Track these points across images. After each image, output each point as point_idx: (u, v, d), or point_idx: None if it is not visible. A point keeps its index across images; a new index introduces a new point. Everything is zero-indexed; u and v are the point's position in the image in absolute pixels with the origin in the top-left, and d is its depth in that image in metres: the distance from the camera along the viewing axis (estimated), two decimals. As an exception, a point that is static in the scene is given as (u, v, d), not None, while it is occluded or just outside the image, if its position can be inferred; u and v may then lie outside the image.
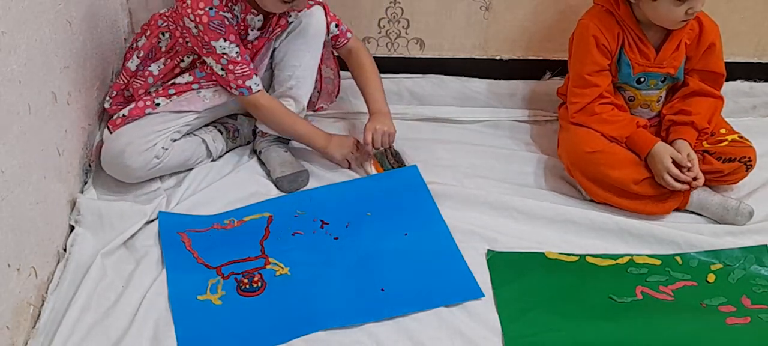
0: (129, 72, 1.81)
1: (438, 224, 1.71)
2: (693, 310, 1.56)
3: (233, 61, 1.71)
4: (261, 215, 1.73)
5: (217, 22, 1.67)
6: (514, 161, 1.97)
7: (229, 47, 1.70)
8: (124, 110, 1.77)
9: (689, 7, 1.70)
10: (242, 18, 1.73)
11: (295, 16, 1.80)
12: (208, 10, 1.66)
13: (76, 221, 1.65)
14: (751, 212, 1.77)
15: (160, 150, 1.74)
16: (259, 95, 1.78)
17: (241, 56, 1.72)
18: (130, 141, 1.71)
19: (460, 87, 2.16)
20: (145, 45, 1.79)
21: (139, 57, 1.80)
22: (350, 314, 1.49)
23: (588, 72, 1.83)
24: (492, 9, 2.10)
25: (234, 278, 1.57)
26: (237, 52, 1.71)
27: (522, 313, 1.52)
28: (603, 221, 1.75)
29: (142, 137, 1.72)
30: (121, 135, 1.73)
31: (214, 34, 1.68)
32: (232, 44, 1.70)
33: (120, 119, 1.76)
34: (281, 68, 1.85)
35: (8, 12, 1.35)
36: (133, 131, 1.73)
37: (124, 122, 1.75)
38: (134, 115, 1.76)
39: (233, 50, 1.70)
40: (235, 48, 1.70)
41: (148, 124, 1.75)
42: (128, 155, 1.71)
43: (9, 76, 1.35)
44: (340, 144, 1.89)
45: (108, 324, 1.45)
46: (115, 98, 1.84)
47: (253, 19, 1.75)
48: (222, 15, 1.67)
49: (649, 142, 1.77)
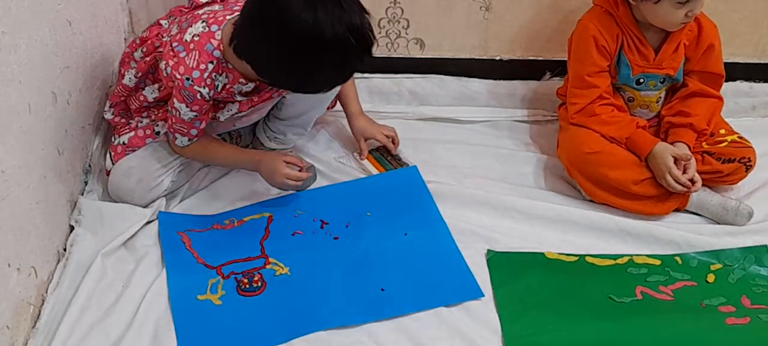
0: (126, 89, 1.74)
1: (438, 224, 1.71)
2: (693, 310, 1.56)
3: (180, 120, 1.62)
4: (261, 215, 1.73)
5: (189, 93, 1.56)
6: (514, 161, 1.97)
7: (185, 113, 1.60)
8: (124, 137, 1.73)
9: (689, 9, 1.70)
10: (227, 87, 1.61)
11: None
12: (185, 79, 1.55)
13: (76, 221, 1.65)
14: (750, 213, 1.77)
15: (169, 184, 1.75)
16: (182, 148, 1.70)
17: (191, 122, 1.63)
18: (139, 179, 1.70)
19: (460, 87, 2.16)
20: (141, 63, 1.71)
21: (136, 76, 1.72)
22: (350, 314, 1.49)
23: (587, 73, 1.83)
24: (492, 9, 2.09)
25: (234, 277, 1.57)
26: (191, 118, 1.61)
27: (522, 313, 1.52)
28: (603, 221, 1.75)
29: (149, 175, 1.71)
30: (129, 173, 1.70)
31: (180, 97, 1.58)
32: (191, 112, 1.60)
33: (120, 147, 1.73)
34: (290, 114, 1.81)
35: (8, 12, 1.35)
36: (140, 169, 1.70)
37: (126, 151, 1.72)
38: (135, 144, 1.73)
39: (188, 116, 1.61)
40: (191, 115, 1.61)
41: (154, 159, 1.72)
42: (138, 195, 1.71)
43: (9, 76, 1.35)
44: (271, 172, 1.72)
45: (108, 324, 1.46)
46: (116, 108, 1.78)
47: (241, 87, 1.63)
48: (196, 89, 1.55)
49: (650, 142, 1.77)
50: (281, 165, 1.70)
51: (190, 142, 1.68)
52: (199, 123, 1.65)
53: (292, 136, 1.87)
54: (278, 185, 1.74)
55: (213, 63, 1.56)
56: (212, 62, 1.55)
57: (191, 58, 1.55)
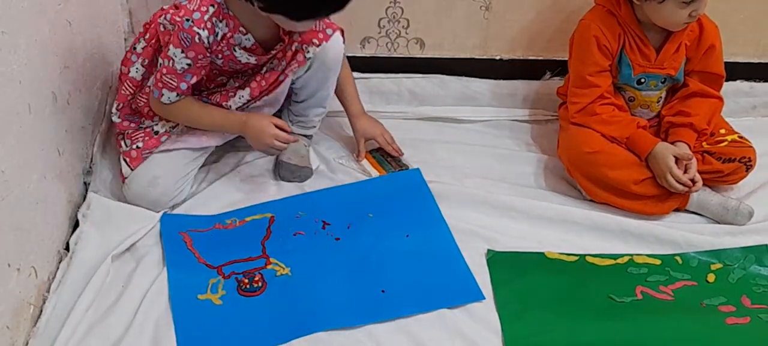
0: (135, 83, 1.73)
1: (439, 226, 1.71)
2: (693, 310, 1.56)
3: (172, 70, 1.62)
4: (263, 216, 1.73)
5: (187, 35, 1.57)
6: (514, 161, 1.97)
7: (180, 60, 1.60)
8: (139, 142, 1.73)
9: (693, 9, 1.71)
10: (227, 37, 1.63)
11: (313, 53, 1.73)
12: (185, 20, 1.57)
13: (83, 215, 1.65)
14: (751, 212, 1.77)
15: (187, 190, 1.77)
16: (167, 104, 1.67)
17: (183, 74, 1.62)
18: (164, 190, 1.71)
19: (460, 87, 2.16)
20: (146, 50, 1.72)
21: (143, 66, 1.73)
22: (350, 315, 1.49)
23: (589, 72, 1.83)
24: (492, 9, 2.09)
25: (235, 277, 1.57)
26: (183, 68, 1.61)
27: (522, 313, 1.52)
28: (603, 221, 1.75)
29: (173, 185, 1.73)
30: (155, 183, 1.70)
31: (177, 41, 1.58)
32: (185, 59, 1.60)
33: (135, 152, 1.72)
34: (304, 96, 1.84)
35: (8, 12, 1.35)
36: (166, 179, 1.71)
37: (142, 155, 1.72)
38: (151, 146, 1.73)
39: (181, 64, 1.60)
40: (184, 63, 1.61)
41: (178, 168, 1.74)
42: (162, 203, 1.72)
43: (9, 76, 1.35)
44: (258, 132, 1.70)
45: (108, 324, 1.45)
46: (123, 110, 1.77)
47: (241, 38, 1.64)
48: (195, 31, 1.57)
49: (650, 142, 1.77)
50: (269, 126, 1.69)
51: (177, 99, 1.66)
52: (190, 77, 1.64)
53: (313, 117, 1.89)
54: (265, 145, 1.71)
55: (213, 7, 1.59)
56: (213, 6, 1.59)
57: (193, 3, 1.59)
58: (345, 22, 1.92)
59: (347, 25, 1.92)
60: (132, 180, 1.72)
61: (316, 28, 1.73)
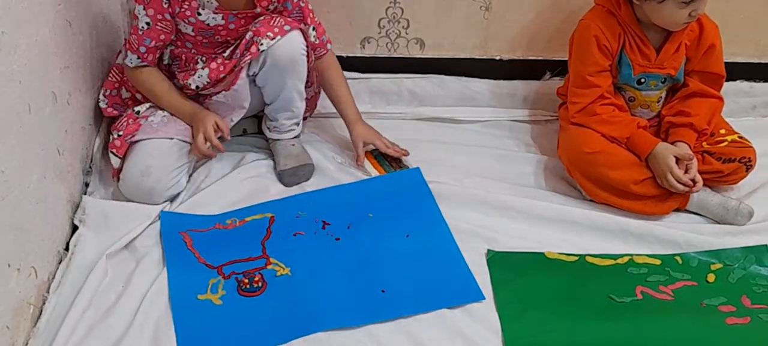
0: (120, 69, 1.79)
1: (440, 226, 1.71)
2: (693, 310, 1.56)
3: (135, 30, 1.70)
4: (263, 216, 1.73)
5: None
6: (514, 161, 1.97)
7: (142, 18, 1.69)
8: (121, 129, 1.74)
9: (693, 9, 1.71)
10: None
11: (267, 45, 1.70)
12: None
13: (80, 220, 1.65)
14: (751, 212, 1.77)
15: (184, 181, 1.78)
16: (132, 69, 1.74)
17: (142, 36, 1.70)
18: (158, 179, 1.71)
19: (460, 87, 2.16)
20: None
21: None
22: (351, 315, 1.49)
23: (589, 72, 1.83)
24: (492, 9, 2.10)
25: (235, 278, 1.57)
26: (143, 28, 1.69)
27: (522, 313, 1.52)
28: (603, 221, 1.75)
29: (168, 174, 1.73)
30: (148, 172, 1.70)
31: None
32: (145, 17, 1.68)
33: (119, 140, 1.73)
34: (269, 97, 1.83)
35: (8, 12, 1.35)
36: (159, 169, 1.71)
37: (123, 142, 1.72)
38: (131, 131, 1.73)
39: (142, 22, 1.69)
40: (144, 23, 1.69)
41: (172, 157, 1.74)
42: (157, 194, 1.72)
43: (9, 76, 1.35)
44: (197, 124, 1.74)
45: (108, 324, 1.45)
46: (110, 98, 1.81)
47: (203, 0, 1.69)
48: None
49: (650, 142, 1.77)
50: (209, 125, 1.72)
51: (139, 64, 1.72)
52: (149, 41, 1.70)
53: (284, 122, 1.87)
54: (196, 140, 1.73)
55: None
56: None
57: None
58: (345, 22, 1.92)
59: (347, 25, 1.92)
60: (125, 172, 1.72)
61: (275, 24, 1.72)
